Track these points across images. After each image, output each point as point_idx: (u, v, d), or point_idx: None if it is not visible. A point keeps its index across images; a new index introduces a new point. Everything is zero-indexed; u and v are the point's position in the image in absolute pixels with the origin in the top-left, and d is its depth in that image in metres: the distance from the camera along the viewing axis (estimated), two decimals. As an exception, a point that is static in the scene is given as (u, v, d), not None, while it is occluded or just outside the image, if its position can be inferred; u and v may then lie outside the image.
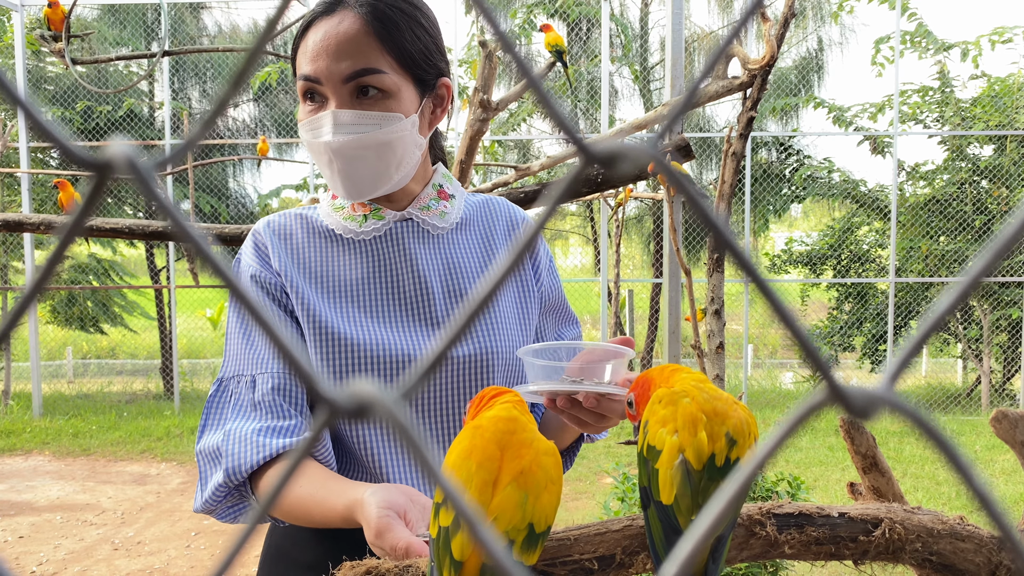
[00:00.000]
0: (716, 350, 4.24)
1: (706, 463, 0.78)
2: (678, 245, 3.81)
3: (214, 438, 1.11)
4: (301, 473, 1.05)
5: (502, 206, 1.33)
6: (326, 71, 1.09)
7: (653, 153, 0.16)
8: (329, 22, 1.10)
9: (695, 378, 0.89)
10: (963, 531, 1.00)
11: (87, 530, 5.01)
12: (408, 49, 1.12)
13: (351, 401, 0.16)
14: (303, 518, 1.04)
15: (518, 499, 0.78)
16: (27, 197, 8.18)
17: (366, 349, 1.12)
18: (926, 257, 8.96)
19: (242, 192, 11.15)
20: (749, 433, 0.82)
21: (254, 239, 1.20)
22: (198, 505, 1.13)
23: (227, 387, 1.15)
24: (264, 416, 1.10)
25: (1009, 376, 9.18)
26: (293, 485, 1.04)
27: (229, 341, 1.17)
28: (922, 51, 8.76)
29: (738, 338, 11.40)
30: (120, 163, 0.16)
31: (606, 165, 0.17)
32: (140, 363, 12.71)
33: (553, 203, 0.18)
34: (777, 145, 10.24)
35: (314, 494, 1.02)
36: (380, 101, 1.11)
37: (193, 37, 10.36)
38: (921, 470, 6.31)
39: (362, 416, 0.16)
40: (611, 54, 9.25)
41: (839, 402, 0.17)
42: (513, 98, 3.72)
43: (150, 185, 0.16)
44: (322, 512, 1.00)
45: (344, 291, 1.17)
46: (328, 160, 1.12)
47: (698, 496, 0.78)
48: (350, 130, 1.10)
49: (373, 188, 1.16)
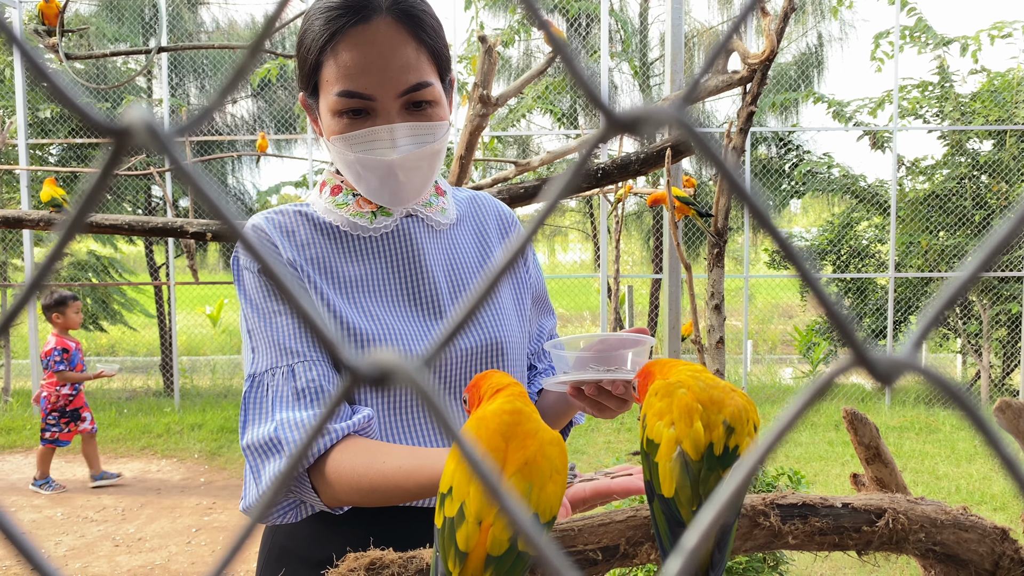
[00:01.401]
0: (716, 345, 4.24)
1: (704, 453, 0.79)
2: (678, 240, 3.81)
3: (263, 429, 1.07)
4: (379, 451, 1.04)
5: (489, 202, 1.35)
6: (378, 87, 1.06)
7: (677, 115, 0.16)
8: (365, 32, 1.06)
9: (692, 369, 0.89)
10: (966, 521, 1.00)
11: (88, 527, 5.01)
12: (440, 51, 1.12)
13: (373, 368, 0.16)
14: (390, 494, 1.01)
15: (522, 489, 0.78)
16: (26, 194, 8.17)
17: (381, 342, 1.12)
18: (926, 252, 8.97)
19: (241, 189, 11.14)
20: (748, 420, 0.82)
21: (256, 235, 1.16)
22: (251, 500, 1.10)
23: (262, 381, 1.11)
24: (312, 403, 1.08)
25: (1009, 371, 9.18)
26: (374, 463, 1.01)
27: (252, 337, 1.13)
28: (921, 46, 8.76)
29: (738, 333, 11.40)
30: (139, 129, 0.16)
31: (630, 130, 0.17)
32: (140, 360, 12.71)
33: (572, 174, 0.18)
34: (777, 140, 10.24)
35: (403, 466, 1.00)
36: (429, 111, 1.11)
37: (191, 33, 10.34)
38: (921, 465, 6.32)
39: (384, 383, 0.16)
40: (611, 50, 9.24)
41: (864, 366, 0.17)
42: (512, 93, 3.71)
43: (171, 150, 0.16)
44: (418, 482, 0.98)
45: (356, 286, 1.16)
46: (384, 175, 1.11)
47: (698, 487, 0.78)
48: (409, 143, 1.10)
49: (419, 194, 1.17)
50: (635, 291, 10.41)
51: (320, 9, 1.09)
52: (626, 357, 1.08)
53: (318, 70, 1.09)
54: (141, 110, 0.16)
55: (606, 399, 1.08)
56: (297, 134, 9.79)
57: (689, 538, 0.20)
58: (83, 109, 0.17)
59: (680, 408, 0.81)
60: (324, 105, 1.11)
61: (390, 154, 1.09)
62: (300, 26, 1.13)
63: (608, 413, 1.11)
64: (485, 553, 0.76)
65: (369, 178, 1.12)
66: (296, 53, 1.15)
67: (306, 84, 1.13)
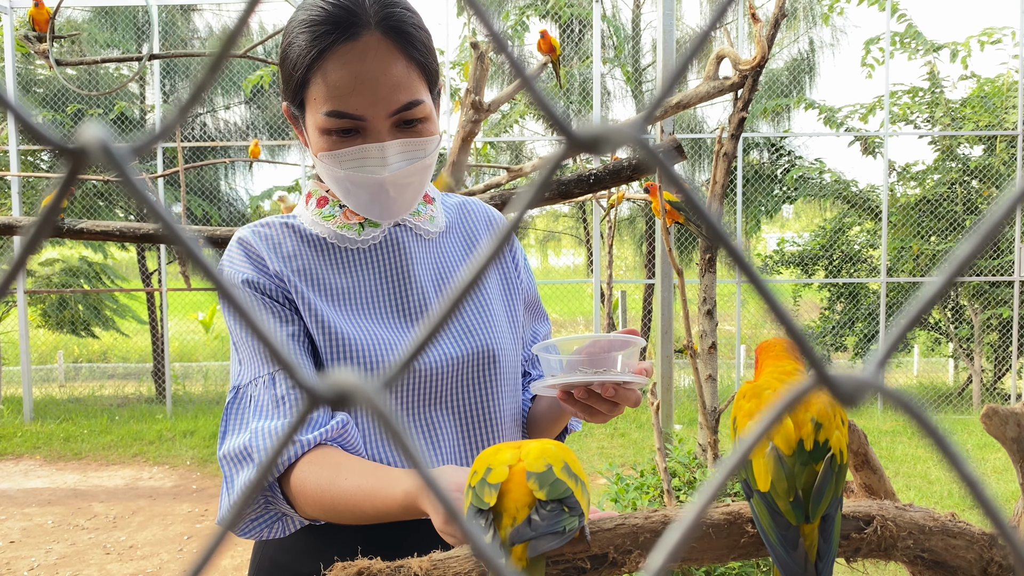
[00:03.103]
0: (708, 350, 4.25)
1: (795, 448, 0.85)
2: (670, 246, 3.81)
3: (239, 439, 1.06)
4: (342, 467, 1.01)
5: (479, 208, 1.33)
6: (369, 108, 1.04)
7: (636, 137, 0.16)
8: (354, 49, 1.03)
9: (780, 370, 0.95)
10: (954, 528, 1.00)
11: (79, 534, 4.98)
12: (430, 65, 1.10)
13: (331, 390, 0.16)
14: (350, 513, 0.99)
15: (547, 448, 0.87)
16: (17, 200, 8.14)
17: (373, 354, 1.11)
18: (917, 257, 9.00)
19: (234, 195, 11.11)
20: (835, 414, 0.88)
21: (243, 248, 1.14)
22: (223, 512, 1.08)
23: (245, 392, 1.10)
24: (290, 411, 1.06)
25: (1000, 375, 9.22)
26: (336, 479, 0.99)
27: (239, 348, 1.13)
28: (912, 52, 8.80)
29: (731, 338, 11.42)
30: (95, 149, 0.16)
31: (591, 149, 0.17)
32: (132, 366, 12.65)
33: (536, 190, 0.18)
34: (768, 146, 10.27)
35: (362, 486, 0.98)
36: (420, 127, 1.09)
37: (184, 39, 10.33)
38: (913, 469, 6.33)
39: (343, 405, 0.16)
40: (603, 55, 9.26)
41: (827, 387, 0.17)
42: (505, 99, 3.71)
43: (125, 171, 0.16)
44: (374, 504, 0.96)
45: (344, 296, 1.15)
46: (375, 191, 1.10)
47: (794, 479, 0.84)
48: (400, 160, 1.08)
49: (409, 208, 1.16)
50: (628, 296, 10.42)
51: (304, 22, 1.05)
52: (616, 359, 1.06)
53: (305, 87, 1.06)
54: (96, 128, 0.16)
55: (596, 402, 1.06)
56: (290, 140, 9.77)
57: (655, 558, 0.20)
58: (37, 129, 0.16)
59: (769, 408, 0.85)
60: (312, 122, 1.08)
61: (381, 172, 1.08)
62: (282, 37, 1.11)
63: (599, 417, 1.09)
64: (525, 472, 0.83)
65: (359, 194, 1.11)
66: (280, 65, 1.11)
67: (292, 98, 1.10)
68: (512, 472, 0.83)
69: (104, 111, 9.34)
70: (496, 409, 1.19)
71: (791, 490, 0.82)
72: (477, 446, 1.17)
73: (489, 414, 1.18)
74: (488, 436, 1.18)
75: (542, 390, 1.11)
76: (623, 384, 1.04)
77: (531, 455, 0.85)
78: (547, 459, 0.84)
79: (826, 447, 0.84)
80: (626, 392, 1.05)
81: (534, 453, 0.85)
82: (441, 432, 1.15)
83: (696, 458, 3.95)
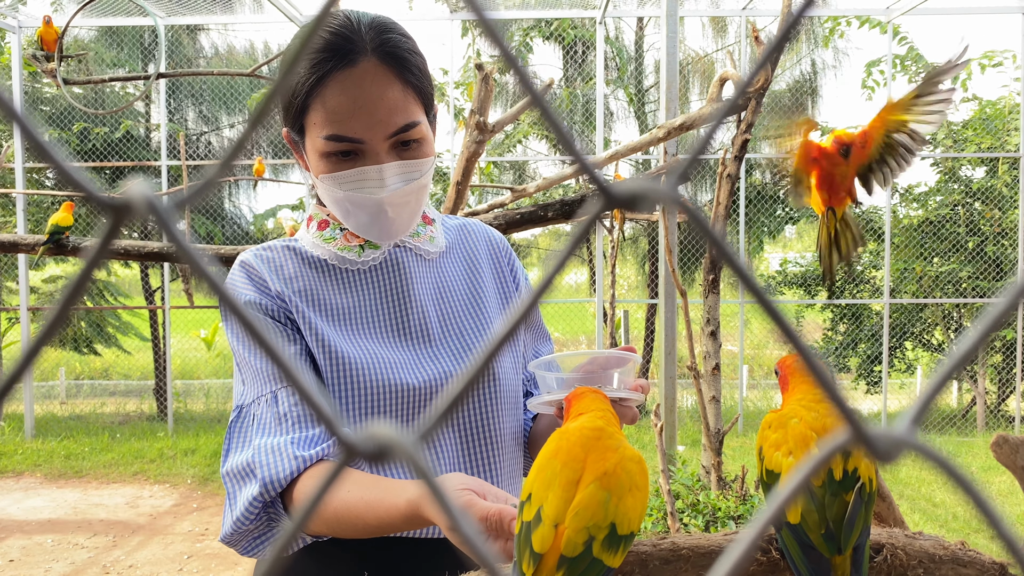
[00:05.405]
0: (712, 371, 4.24)
1: (825, 479, 0.83)
2: (673, 266, 3.81)
3: (242, 456, 1.07)
4: (344, 479, 1.02)
5: (479, 229, 1.35)
6: (367, 131, 1.07)
7: (674, 196, 0.16)
8: (351, 75, 1.06)
9: (808, 397, 0.92)
10: (964, 557, 0.99)
11: (78, 553, 4.96)
12: (425, 89, 1.13)
13: (371, 443, 0.16)
14: (352, 526, 1.00)
15: (601, 498, 0.79)
16: (22, 218, 8.17)
17: (374, 373, 1.12)
18: (920, 278, 9.00)
19: (238, 213, 11.15)
20: None
21: (245, 270, 1.17)
22: (227, 528, 1.08)
23: (248, 411, 1.12)
24: (292, 428, 1.07)
25: (1004, 397, 9.19)
26: (338, 491, 1.00)
27: (242, 368, 1.14)
28: (913, 75, 8.85)
29: (733, 359, 11.40)
30: (139, 204, 0.16)
31: (627, 206, 0.17)
32: (134, 384, 12.64)
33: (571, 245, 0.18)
34: (772, 167, 10.31)
35: (364, 496, 0.98)
36: (417, 148, 1.12)
37: (190, 59, 10.41)
38: (918, 492, 6.29)
39: (382, 459, 0.16)
40: (606, 76, 9.32)
41: (863, 444, 0.17)
42: (509, 120, 3.73)
43: (170, 227, 0.16)
44: (377, 515, 0.96)
45: (345, 316, 1.16)
46: (374, 212, 1.12)
47: (824, 511, 0.82)
48: (398, 180, 1.11)
49: (407, 228, 1.18)
50: (631, 316, 10.41)
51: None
52: (612, 376, 1.07)
53: (304, 112, 1.10)
54: (141, 184, 0.16)
55: None
56: (293, 159, 9.82)
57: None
58: (86, 186, 0.17)
59: (795, 438, 0.86)
60: (311, 146, 1.11)
61: (379, 192, 1.10)
62: (281, 62, 1.14)
63: None
64: (559, 554, 0.77)
65: (358, 215, 1.13)
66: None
67: (292, 124, 1.13)
68: (557, 534, 0.77)
69: (110, 129, 9.40)
70: (496, 427, 1.20)
71: (822, 522, 0.81)
72: (477, 463, 1.18)
73: (489, 432, 1.19)
74: (488, 453, 1.19)
75: (538, 407, 1.12)
76: (619, 401, 1.05)
77: (581, 515, 0.77)
78: (595, 521, 0.77)
79: (855, 476, 0.83)
80: (623, 409, 1.05)
81: (585, 510, 0.78)
82: (441, 449, 1.16)
83: (699, 480, 3.94)
